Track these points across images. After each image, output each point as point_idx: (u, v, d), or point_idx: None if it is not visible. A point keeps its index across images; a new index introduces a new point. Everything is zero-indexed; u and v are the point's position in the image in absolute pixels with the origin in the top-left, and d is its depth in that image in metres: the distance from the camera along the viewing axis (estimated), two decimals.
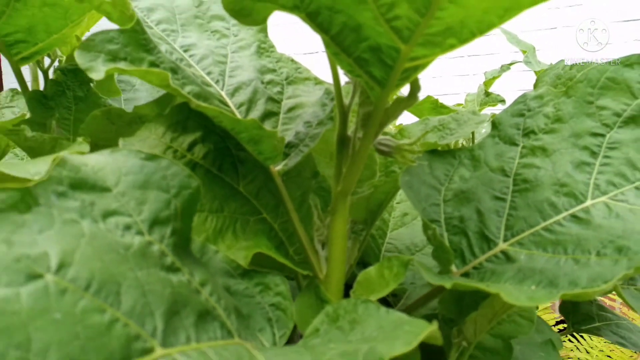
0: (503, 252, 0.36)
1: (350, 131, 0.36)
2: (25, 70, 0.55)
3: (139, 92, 0.69)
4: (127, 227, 0.25)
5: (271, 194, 0.41)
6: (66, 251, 0.20)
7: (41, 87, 0.56)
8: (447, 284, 0.30)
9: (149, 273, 0.24)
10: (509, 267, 0.34)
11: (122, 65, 0.34)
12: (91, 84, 0.53)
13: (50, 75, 0.58)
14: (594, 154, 0.37)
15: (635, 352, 1.51)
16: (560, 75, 0.51)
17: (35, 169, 0.30)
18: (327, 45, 0.31)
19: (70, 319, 0.18)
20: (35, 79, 0.55)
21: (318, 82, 0.46)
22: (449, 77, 2.38)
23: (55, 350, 0.17)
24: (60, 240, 0.21)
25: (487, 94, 0.78)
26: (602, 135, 0.38)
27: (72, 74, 0.52)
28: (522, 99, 0.42)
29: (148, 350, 0.21)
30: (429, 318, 0.44)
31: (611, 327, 0.75)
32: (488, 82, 0.81)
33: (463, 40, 0.30)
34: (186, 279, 0.27)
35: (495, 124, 0.42)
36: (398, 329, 0.27)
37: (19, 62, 0.50)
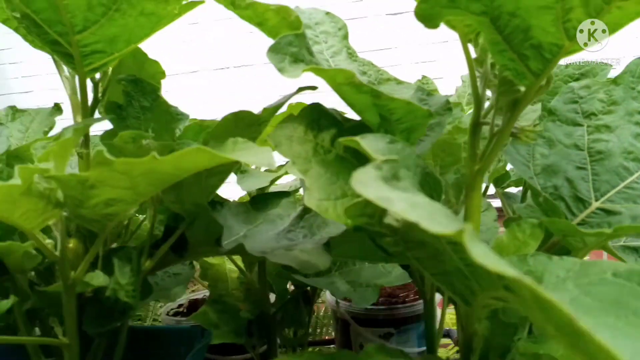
0: (599, 209, 0.45)
1: (482, 117, 0.42)
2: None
3: None
4: None
5: None
6: None
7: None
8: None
9: None
10: (618, 217, 0.43)
11: (302, 65, 0.36)
12: (159, 93, 0.50)
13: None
14: None
15: None
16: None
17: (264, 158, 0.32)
18: (495, 44, 0.37)
19: None
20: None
21: (398, 82, 0.51)
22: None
23: None
24: None
25: None
26: None
27: (134, 84, 0.49)
28: (569, 90, 0.52)
29: None
30: None
31: None
32: None
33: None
34: None
35: (551, 110, 0.51)
36: (593, 264, 0.33)
37: (87, 74, 0.46)
